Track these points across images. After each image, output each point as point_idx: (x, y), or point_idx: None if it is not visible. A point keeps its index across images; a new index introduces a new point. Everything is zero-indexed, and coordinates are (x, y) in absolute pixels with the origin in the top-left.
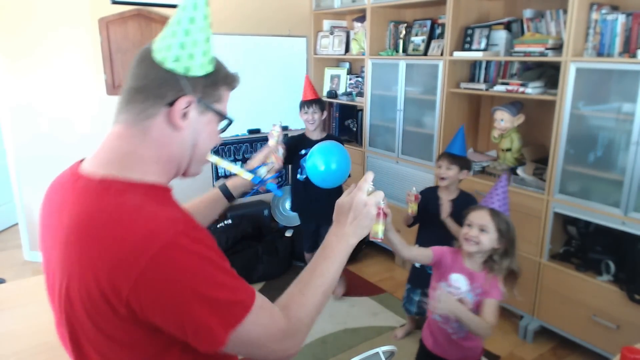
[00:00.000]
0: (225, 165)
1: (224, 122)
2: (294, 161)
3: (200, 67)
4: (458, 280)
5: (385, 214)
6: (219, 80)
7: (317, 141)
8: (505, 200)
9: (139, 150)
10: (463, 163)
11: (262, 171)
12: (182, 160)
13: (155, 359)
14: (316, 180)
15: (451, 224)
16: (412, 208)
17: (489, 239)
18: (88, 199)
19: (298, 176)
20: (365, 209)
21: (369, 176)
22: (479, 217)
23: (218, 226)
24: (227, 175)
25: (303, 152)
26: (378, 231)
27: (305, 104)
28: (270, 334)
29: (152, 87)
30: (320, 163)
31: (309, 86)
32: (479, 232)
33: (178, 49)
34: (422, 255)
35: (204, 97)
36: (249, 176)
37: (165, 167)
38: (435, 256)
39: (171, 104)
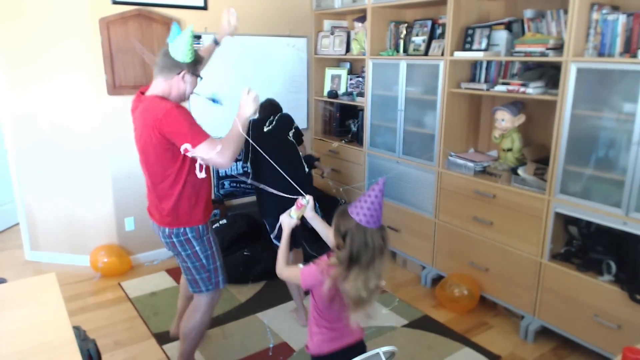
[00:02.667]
0: (201, 94)
1: (199, 79)
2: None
3: (190, 59)
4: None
5: (299, 206)
6: (196, 62)
7: None
8: (372, 211)
9: (168, 90)
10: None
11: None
12: (184, 96)
13: (173, 158)
14: None
15: None
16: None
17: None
18: (147, 102)
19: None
20: (245, 102)
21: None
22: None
23: (214, 227)
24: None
25: None
26: (292, 215)
27: None
28: (214, 150)
29: (172, 67)
30: None
31: None
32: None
33: (183, 53)
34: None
35: (192, 70)
36: (210, 96)
37: (178, 98)
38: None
39: (179, 73)
